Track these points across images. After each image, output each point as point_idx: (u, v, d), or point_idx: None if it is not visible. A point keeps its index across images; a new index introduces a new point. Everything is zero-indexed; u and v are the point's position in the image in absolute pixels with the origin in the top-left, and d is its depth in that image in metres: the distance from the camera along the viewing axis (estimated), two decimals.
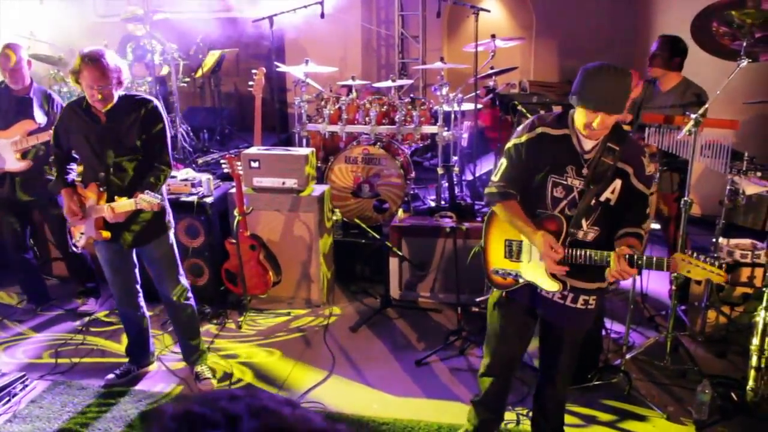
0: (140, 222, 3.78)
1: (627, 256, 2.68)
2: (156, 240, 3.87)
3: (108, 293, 5.15)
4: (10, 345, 4.64)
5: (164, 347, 4.51)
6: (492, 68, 6.83)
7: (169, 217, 3.92)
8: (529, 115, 4.85)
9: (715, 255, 2.68)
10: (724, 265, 2.62)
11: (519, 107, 5.58)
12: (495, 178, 3.00)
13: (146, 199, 3.53)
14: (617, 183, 2.83)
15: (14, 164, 4.61)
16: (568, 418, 3.66)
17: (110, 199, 3.66)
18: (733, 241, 4.43)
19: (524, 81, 8.35)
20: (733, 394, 3.78)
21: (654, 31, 7.19)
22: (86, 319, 4.96)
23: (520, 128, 2.98)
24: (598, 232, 2.89)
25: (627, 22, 8.12)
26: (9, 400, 3.88)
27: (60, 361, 4.43)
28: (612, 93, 2.67)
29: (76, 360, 4.40)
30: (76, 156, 3.89)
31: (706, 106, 3.96)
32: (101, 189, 3.69)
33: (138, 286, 4.09)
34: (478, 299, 4.81)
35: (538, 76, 8.71)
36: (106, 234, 3.73)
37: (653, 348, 4.21)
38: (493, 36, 6.58)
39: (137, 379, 4.15)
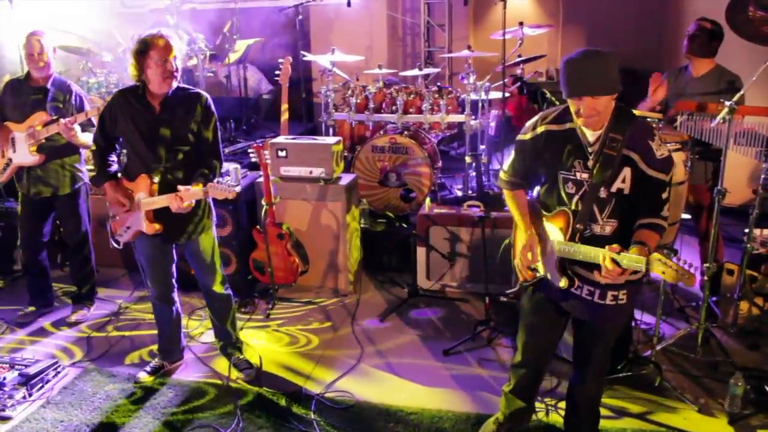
0: (188, 216, 3.71)
1: (611, 257, 2.57)
2: (203, 234, 3.84)
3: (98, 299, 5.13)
4: (41, 332, 4.71)
5: (190, 339, 4.54)
6: (519, 56, 6.76)
7: (213, 209, 3.91)
8: (557, 103, 4.79)
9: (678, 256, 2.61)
10: (695, 268, 2.43)
11: (547, 95, 5.53)
12: (505, 167, 3.10)
13: (218, 188, 3.46)
14: (627, 171, 2.73)
15: (27, 158, 4.48)
16: None
17: (161, 192, 3.58)
18: (767, 232, 4.35)
19: (551, 69, 8.28)
20: (766, 387, 3.72)
21: (684, 16, 7.05)
22: (116, 307, 5.03)
23: (528, 124, 2.97)
24: (616, 225, 2.81)
25: (656, 7, 7.96)
26: (42, 387, 3.94)
27: (93, 334, 4.59)
28: (590, 75, 2.64)
29: (110, 332, 4.48)
30: (118, 147, 3.80)
31: (742, 92, 3.88)
32: (153, 181, 3.61)
33: (174, 281, 4.04)
34: (507, 291, 4.75)
35: None
36: (158, 226, 3.65)
37: (684, 339, 4.16)
38: (521, 23, 6.49)
39: (169, 374, 4.13)
